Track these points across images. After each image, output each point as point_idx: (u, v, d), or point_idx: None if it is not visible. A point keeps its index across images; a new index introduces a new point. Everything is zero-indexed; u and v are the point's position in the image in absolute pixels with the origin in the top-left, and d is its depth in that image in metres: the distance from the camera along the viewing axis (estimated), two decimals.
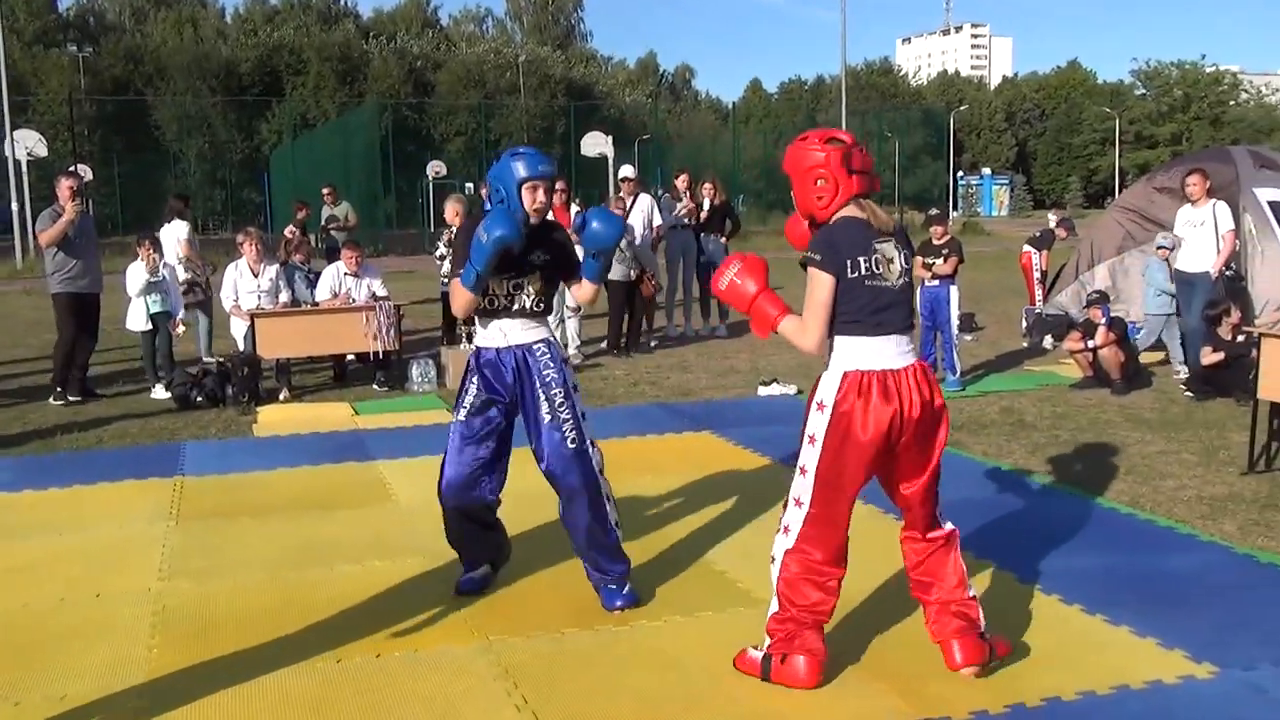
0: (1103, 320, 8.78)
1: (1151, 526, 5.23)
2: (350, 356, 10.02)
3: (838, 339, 3.46)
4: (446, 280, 10.09)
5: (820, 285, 3.41)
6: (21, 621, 4.26)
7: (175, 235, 10.70)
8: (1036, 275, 12.42)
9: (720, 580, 4.57)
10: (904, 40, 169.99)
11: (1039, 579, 4.46)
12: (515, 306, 4.20)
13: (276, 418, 8.29)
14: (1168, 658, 3.71)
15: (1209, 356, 8.20)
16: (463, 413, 4.27)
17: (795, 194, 3.55)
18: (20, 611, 4.36)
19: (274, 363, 9.27)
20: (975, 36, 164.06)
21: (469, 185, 39.62)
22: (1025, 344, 11.41)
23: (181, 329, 9.76)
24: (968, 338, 11.42)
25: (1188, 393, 8.37)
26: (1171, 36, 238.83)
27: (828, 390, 3.43)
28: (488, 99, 61.08)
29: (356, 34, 68.89)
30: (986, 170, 74.76)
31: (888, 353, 3.40)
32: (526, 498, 5.75)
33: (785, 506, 3.56)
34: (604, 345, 11.43)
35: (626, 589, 4.31)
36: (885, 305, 3.42)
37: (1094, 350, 8.79)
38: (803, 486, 3.49)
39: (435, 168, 44.86)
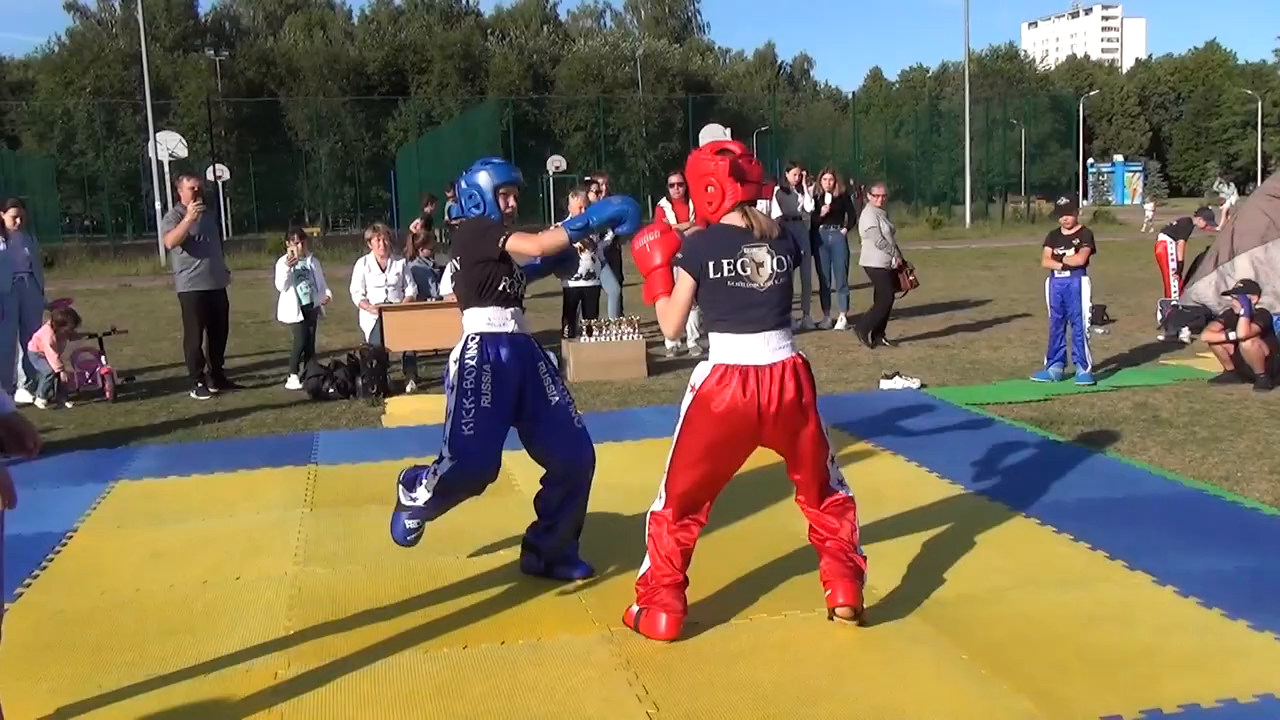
0: (1244, 311, 8.40)
1: None
2: None
3: (712, 335, 3.85)
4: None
5: (681, 283, 3.85)
6: (168, 602, 4.47)
7: None
8: (1173, 266, 11.95)
9: None
10: (1030, 24, 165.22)
11: (1176, 581, 4.30)
12: (519, 294, 4.51)
13: (404, 409, 8.51)
14: None
15: None
16: (485, 399, 4.31)
17: (693, 200, 3.94)
18: (167, 593, 4.58)
19: (401, 355, 9.52)
20: (1106, 18, 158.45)
21: (588, 179, 40.00)
22: (1161, 337, 11.00)
23: (327, 300, 9.98)
24: (1099, 331, 11.06)
25: None
26: None
27: (698, 377, 3.83)
28: (606, 93, 61.52)
29: (478, 32, 70.10)
30: (1119, 157, 72.20)
31: (753, 350, 3.72)
32: (638, 492, 5.80)
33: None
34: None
35: (582, 562, 4.65)
36: (750, 305, 3.74)
37: (1236, 343, 8.42)
38: (668, 457, 3.91)
39: (555, 162, 45.44)
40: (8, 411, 2.82)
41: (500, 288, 4.40)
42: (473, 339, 4.40)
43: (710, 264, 3.74)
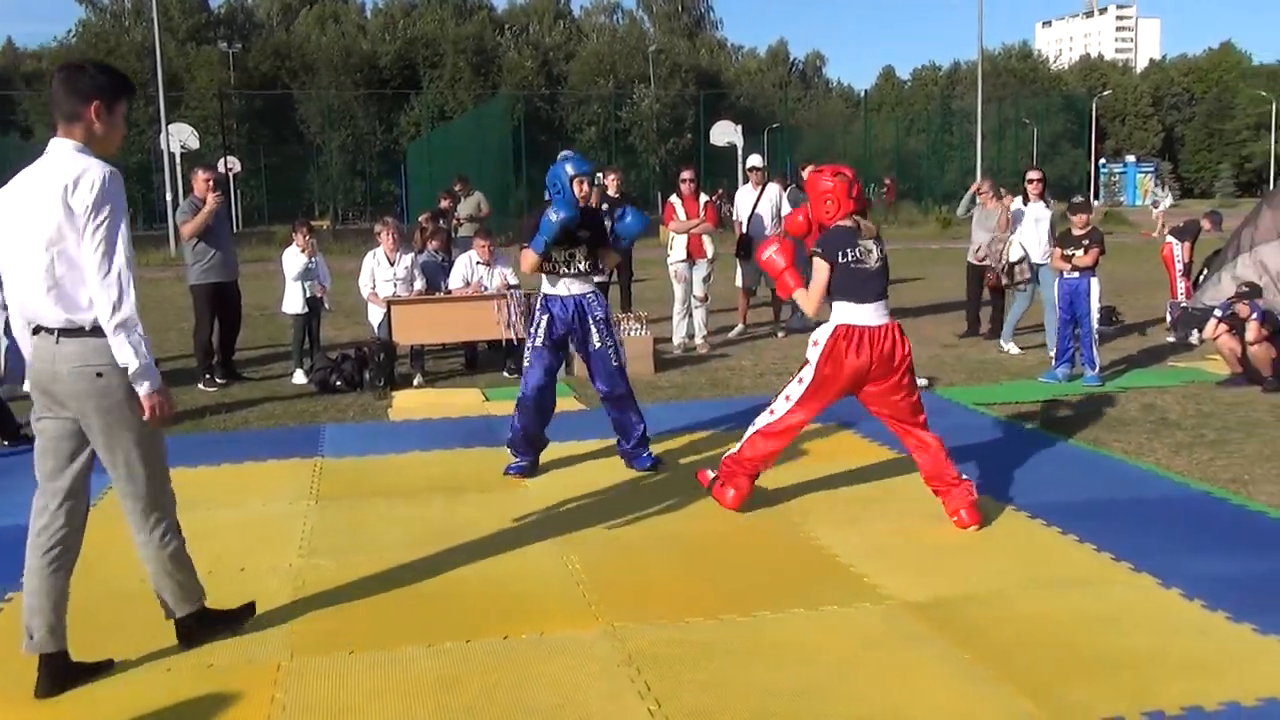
0: (1253, 315, 8.36)
1: None
2: (481, 344, 10.24)
3: (835, 303, 5.09)
4: None
5: (820, 269, 5.11)
6: None
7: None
8: (1179, 268, 11.91)
9: (846, 575, 4.53)
10: (1044, 24, 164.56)
11: (1181, 583, 4.29)
12: (571, 270, 6.00)
13: (410, 403, 8.52)
14: None
15: None
16: (539, 340, 6.03)
17: (811, 206, 5.24)
18: None
19: (409, 349, 9.53)
20: (1120, 19, 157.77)
21: (598, 176, 39.94)
22: (1170, 339, 10.97)
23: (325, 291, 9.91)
24: (1108, 331, 11.02)
25: None
26: None
27: (823, 334, 5.08)
28: (618, 89, 61.48)
29: (491, 26, 70.02)
30: (1130, 158, 71.82)
31: (866, 314, 5.01)
32: (648, 489, 5.80)
33: (776, 399, 5.27)
34: (729, 336, 11.42)
35: (649, 454, 6.24)
36: (865, 281, 5.03)
37: (1244, 345, 8.39)
38: (796, 390, 5.16)
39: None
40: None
41: (546, 267, 6.00)
42: (539, 298, 6.15)
43: (839, 252, 5.04)
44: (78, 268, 3.36)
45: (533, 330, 6.11)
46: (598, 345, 6.03)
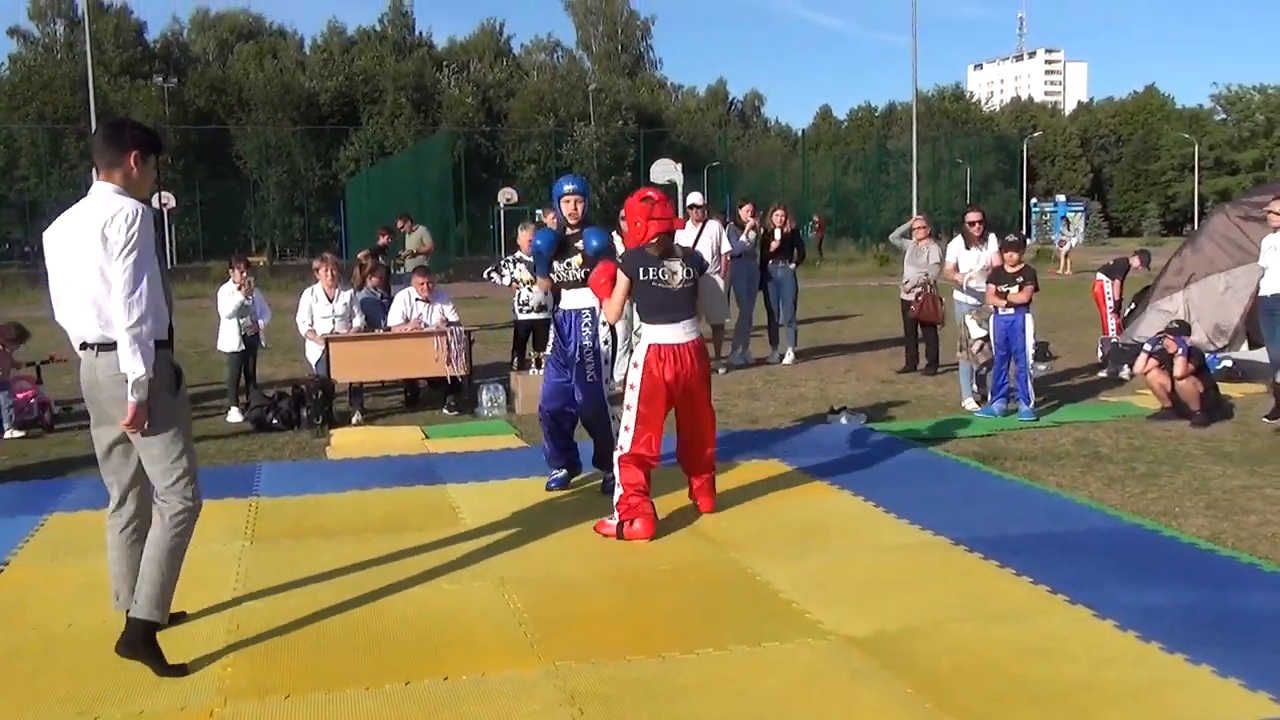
0: (1180, 351, 8.57)
1: (1233, 563, 5.08)
2: (422, 381, 10.16)
3: (645, 325, 5.65)
4: (521, 307, 10.22)
5: (620, 282, 5.64)
6: (102, 636, 4.34)
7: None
8: (1109, 304, 12.19)
9: (787, 610, 4.53)
10: (976, 66, 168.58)
11: (1115, 615, 4.36)
12: (569, 277, 6.37)
13: (349, 441, 8.42)
14: (1251, 700, 3.60)
15: None
16: (550, 351, 6.52)
17: (628, 229, 5.72)
18: (100, 627, 4.45)
19: (347, 386, 9.43)
20: (1049, 62, 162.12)
21: (538, 212, 40.00)
22: (1102, 374, 11.19)
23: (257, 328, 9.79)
24: (1041, 367, 11.23)
25: (1273, 424, 8.13)
26: (1253, 60, 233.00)
27: (639, 355, 5.60)
28: (559, 127, 61.75)
29: (431, 63, 70.05)
30: (1061, 197, 73.60)
31: (674, 333, 5.56)
32: (589, 526, 5.77)
33: (618, 433, 5.70)
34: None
35: (608, 476, 6.13)
36: (669, 302, 5.57)
37: (1172, 380, 8.58)
38: (629, 417, 5.60)
39: (506, 194, 45.40)
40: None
41: (557, 279, 6.52)
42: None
43: (640, 269, 5.58)
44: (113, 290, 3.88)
45: (552, 343, 6.57)
46: (577, 360, 6.32)
